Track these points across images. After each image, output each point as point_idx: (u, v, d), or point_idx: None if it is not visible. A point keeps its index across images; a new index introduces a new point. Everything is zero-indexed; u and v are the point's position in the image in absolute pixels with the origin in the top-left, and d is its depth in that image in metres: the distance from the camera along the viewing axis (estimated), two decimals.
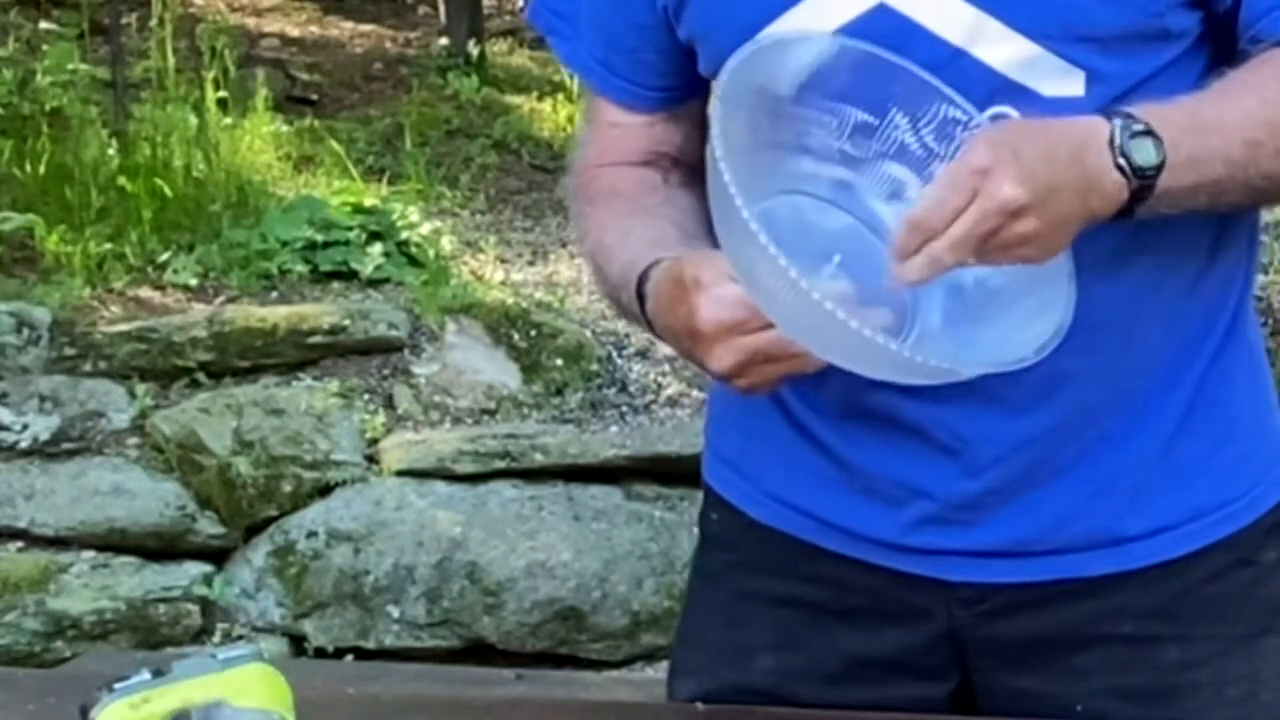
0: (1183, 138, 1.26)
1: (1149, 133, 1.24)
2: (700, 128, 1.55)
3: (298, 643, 3.85)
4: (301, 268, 4.45)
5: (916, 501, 1.44)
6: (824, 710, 1.48)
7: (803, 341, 1.25)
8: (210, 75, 5.15)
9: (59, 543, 3.82)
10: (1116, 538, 1.45)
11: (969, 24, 1.32)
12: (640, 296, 1.38)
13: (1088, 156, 1.23)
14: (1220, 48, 1.38)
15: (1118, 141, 1.24)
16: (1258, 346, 1.51)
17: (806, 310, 1.19)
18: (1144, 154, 1.24)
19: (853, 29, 1.34)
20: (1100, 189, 1.24)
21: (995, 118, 1.32)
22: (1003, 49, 1.32)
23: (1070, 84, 1.33)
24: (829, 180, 1.35)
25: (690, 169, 1.54)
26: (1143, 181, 1.24)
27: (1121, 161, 1.24)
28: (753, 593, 1.54)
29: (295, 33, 6.67)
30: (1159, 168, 1.24)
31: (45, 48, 5.35)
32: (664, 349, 4.33)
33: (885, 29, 1.33)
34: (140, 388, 4.01)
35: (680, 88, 1.52)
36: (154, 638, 3.76)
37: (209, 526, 3.87)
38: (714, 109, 1.23)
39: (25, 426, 3.91)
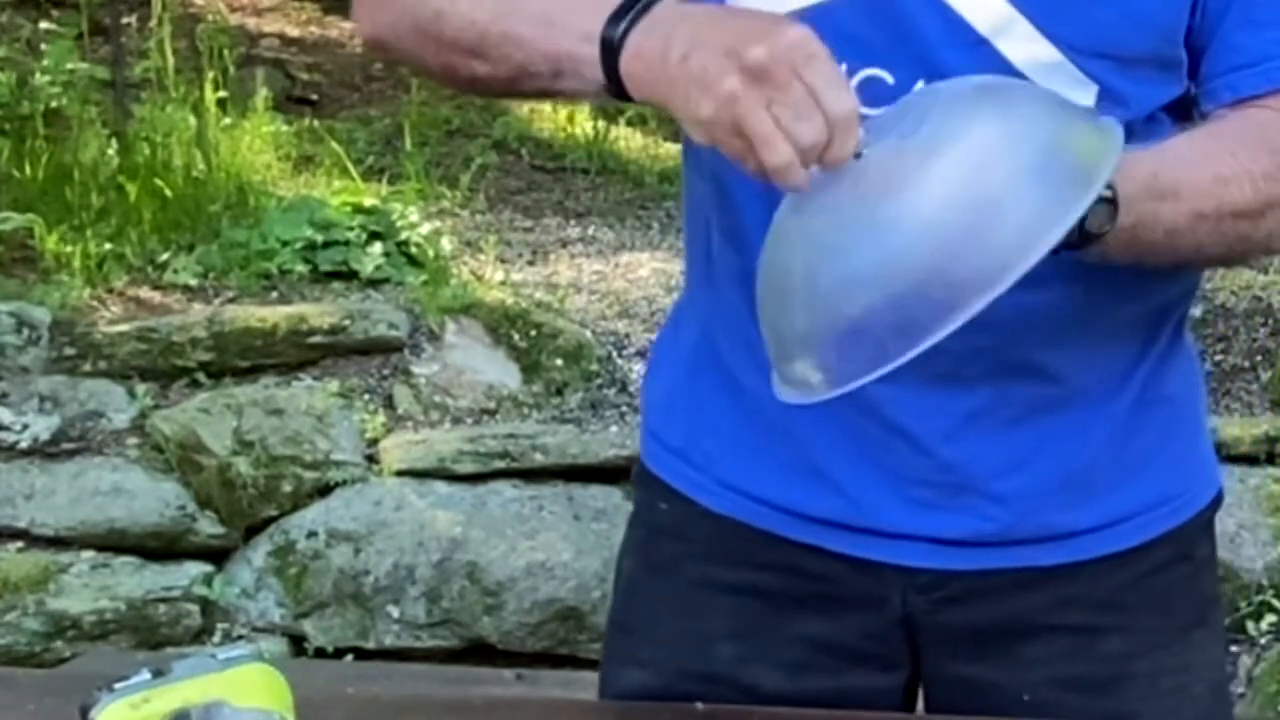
0: (1137, 201, 1.26)
1: (1112, 200, 1.24)
2: None
3: (298, 643, 3.85)
4: (301, 268, 4.45)
5: (871, 477, 1.45)
6: (823, 710, 1.48)
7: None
8: (210, 75, 5.15)
9: (59, 543, 3.82)
10: (1071, 530, 1.47)
11: (1000, 18, 1.33)
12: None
13: None
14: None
15: None
16: (1192, 344, 1.55)
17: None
18: (1098, 221, 1.24)
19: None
20: None
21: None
22: (1026, 48, 1.33)
23: (1082, 97, 1.34)
24: None
25: None
26: (1083, 239, 1.25)
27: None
28: (710, 582, 1.54)
29: (295, 33, 6.67)
30: (1102, 235, 1.25)
31: (45, 48, 5.34)
32: None
33: (915, 2, 1.33)
34: (140, 388, 4.01)
35: None
36: (154, 638, 3.76)
37: (209, 526, 3.87)
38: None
39: (25, 426, 3.91)
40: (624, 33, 1.24)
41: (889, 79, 1.34)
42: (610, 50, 1.24)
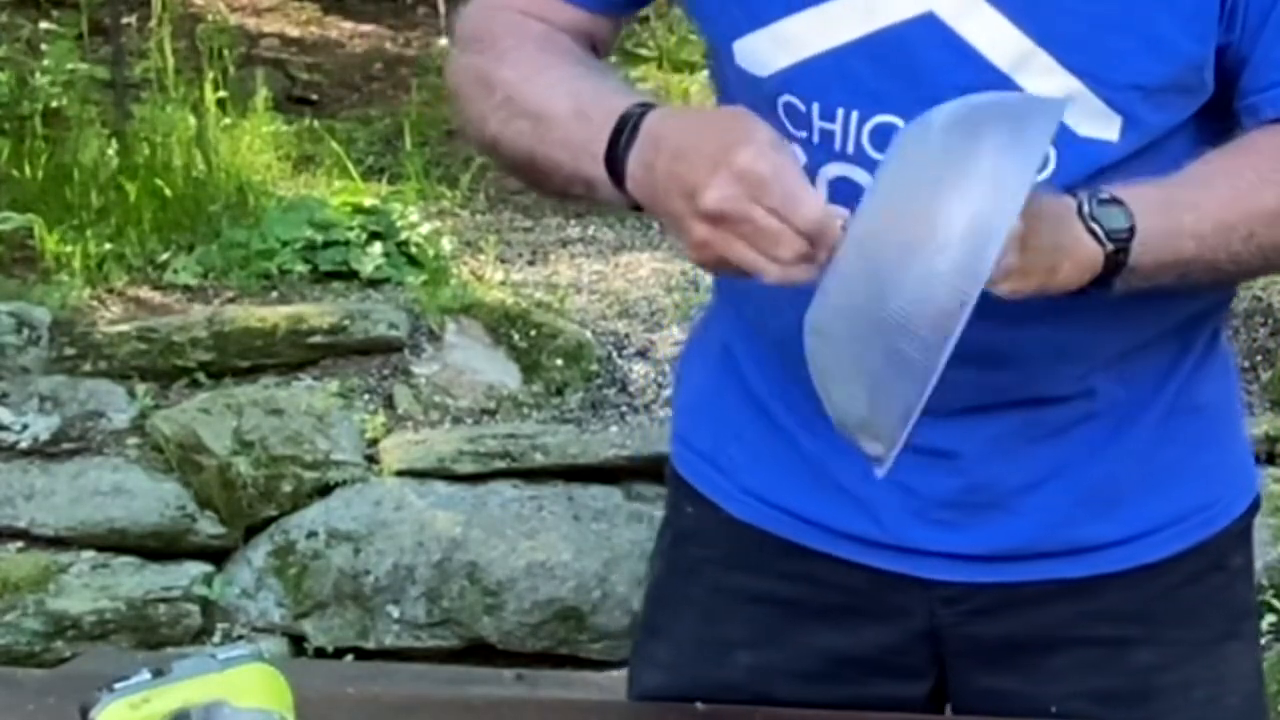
0: (1154, 212, 1.27)
1: (1115, 201, 1.26)
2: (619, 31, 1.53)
3: (298, 643, 3.85)
4: (301, 268, 4.45)
5: (896, 499, 1.44)
6: (826, 710, 1.48)
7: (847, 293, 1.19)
8: (210, 75, 5.15)
9: (59, 543, 3.82)
10: (1098, 543, 1.46)
11: (1019, 53, 1.31)
12: (628, 115, 1.29)
13: (1062, 230, 1.25)
14: (1220, 103, 1.38)
15: (1086, 209, 1.25)
16: (1228, 350, 1.53)
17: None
18: (1113, 219, 1.25)
19: (895, 33, 1.32)
20: (1075, 257, 1.24)
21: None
22: (1047, 82, 1.31)
23: (1107, 128, 1.32)
24: None
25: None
26: (1117, 244, 1.25)
27: (1094, 227, 1.25)
28: (731, 589, 1.54)
29: (295, 33, 6.67)
30: (1130, 231, 1.25)
31: (45, 48, 5.34)
32: (665, 349, 4.33)
33: (930, 39, 1.31)
34: (140, 388, 4.01)
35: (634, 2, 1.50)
36: (154, 638, 3.76)
37: (209, 526, 3.86)
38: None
39: (25, 426, 3.91)
40: (622, 157, 1.28)
41: (900, 124, 1.31)
42: (617, 174, 1.29)
